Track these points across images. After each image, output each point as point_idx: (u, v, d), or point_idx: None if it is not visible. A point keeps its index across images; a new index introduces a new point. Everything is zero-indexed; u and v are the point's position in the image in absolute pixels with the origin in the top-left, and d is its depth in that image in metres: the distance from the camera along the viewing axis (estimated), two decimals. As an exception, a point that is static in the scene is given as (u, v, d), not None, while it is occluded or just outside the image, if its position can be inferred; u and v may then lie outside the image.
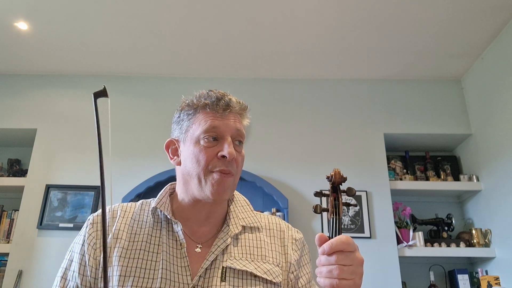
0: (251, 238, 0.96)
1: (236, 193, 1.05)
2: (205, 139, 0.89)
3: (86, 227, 0.93)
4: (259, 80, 3.28)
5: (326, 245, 0.75)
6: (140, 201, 1.00)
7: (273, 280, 0.89)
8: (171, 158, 0.98)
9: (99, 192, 2.88)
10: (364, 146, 3.05)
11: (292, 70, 3.20)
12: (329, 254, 0.74)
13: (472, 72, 3.10)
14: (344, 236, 0.75)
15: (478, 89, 3.03)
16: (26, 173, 3.00)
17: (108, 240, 0.89)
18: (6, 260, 2.72)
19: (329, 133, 3.09)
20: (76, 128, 3.10)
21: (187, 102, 0.96)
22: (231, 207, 1.00)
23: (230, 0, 2.52)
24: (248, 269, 0.88)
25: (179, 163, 0.95)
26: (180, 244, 0.90)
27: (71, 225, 2.79)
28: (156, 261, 0.86)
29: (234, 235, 0.94)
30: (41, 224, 2.78)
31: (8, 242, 2.80)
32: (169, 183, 1.02)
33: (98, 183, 2.89)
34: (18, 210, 2.86)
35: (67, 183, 2.92)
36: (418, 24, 2.68)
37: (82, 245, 0.90)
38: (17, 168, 3.12)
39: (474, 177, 2.96)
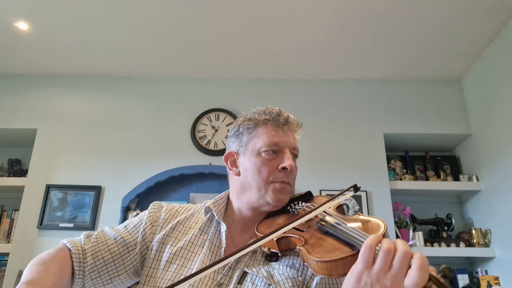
0: None
1: None
2: (266, 152, 0.97)
3: (151, 207, 1.08)
4: (259, 80, 3.28)
5: None
6: (205, 201, 1.10)
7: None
8: (230, 169, 1.05)
9: (99, 192, 2.88)
10: (364, 146, 3.05)
11: (292, 70, 3.20)
12: None
13: (472, 72, 3.10)
14: None
15: (478, 89, 3.03)
16: (26, 173, 3.00)
17: (165, 231, 1.01)
18: (6, 260, 2.72)
19: (329, 133, 3.09)
20: (76, 128, 3.10)
21: (247, 117, 1.03)
22: None
23: (230, 1, 2.52)
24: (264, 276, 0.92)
25: (238, 174, 1.03)
26: (220, 244, 0.98)
27: (71, 225, 2.80)
28: (197, 254, 0.96)
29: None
30: (41, 224, 2.78)
31: (8, 242, 2.81)
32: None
33: (98, 183, 2.90)
34: (18, 210, 2.86)
35: (67, 183, 2.92)
36: (418, 24, 2.68)
37: (146, 216, 1.04)
38: (17, 168, 3.12)
39: (474, 177, 2.96)
